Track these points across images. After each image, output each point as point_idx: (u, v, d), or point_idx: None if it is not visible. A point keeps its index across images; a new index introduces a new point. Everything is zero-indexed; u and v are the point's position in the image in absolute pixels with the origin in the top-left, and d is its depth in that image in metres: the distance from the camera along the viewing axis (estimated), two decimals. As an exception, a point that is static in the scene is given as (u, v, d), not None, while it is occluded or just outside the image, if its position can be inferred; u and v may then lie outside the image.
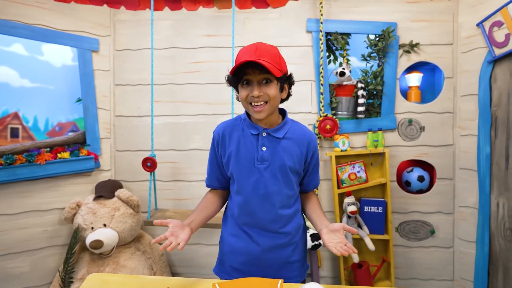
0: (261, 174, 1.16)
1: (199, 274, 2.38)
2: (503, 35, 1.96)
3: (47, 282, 2.19)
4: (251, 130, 1.19)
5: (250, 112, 1.15)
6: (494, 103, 2.08)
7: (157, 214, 2.26)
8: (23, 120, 2.38)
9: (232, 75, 1.14)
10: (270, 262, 1.21)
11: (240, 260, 1.23)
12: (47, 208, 2.19)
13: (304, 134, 1.23)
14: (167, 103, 2.41)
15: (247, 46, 1.13)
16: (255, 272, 1.19)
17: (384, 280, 2.36)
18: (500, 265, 2.05)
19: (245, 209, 1.20)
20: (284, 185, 1.18)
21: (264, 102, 1.12)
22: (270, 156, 1.16)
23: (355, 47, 2.40)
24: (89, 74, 2.32)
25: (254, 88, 1.10)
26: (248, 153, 1.17)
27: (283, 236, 1.21)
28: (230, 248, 1.25)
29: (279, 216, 1.19)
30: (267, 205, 1.18)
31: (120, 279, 1.15)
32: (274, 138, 1.18)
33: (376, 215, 2.28)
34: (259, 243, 1.20)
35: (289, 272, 1.23)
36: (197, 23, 2.39)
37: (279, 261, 1.21)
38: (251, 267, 1.21)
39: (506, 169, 2.00)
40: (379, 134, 2.26)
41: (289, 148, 1.18)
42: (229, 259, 1.26)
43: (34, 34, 2.13)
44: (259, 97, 1.10)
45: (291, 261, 1.23)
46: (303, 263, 1.29)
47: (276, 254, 1.21)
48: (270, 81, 1.12)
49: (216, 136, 1.26)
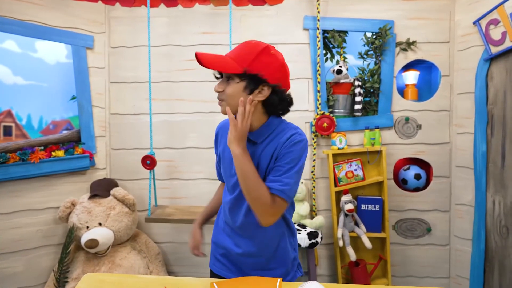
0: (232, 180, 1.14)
1: (195, 273, 2.36)
2: (499, 33, 1.96)
3: (42, 282, 2.16)
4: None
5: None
6: (491, 101, 2.08)
7: (157, 211, 2.24)
8: (16, 118, 2.35)
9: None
10: (248, 265, 1.17)
11: (220, 253, 1.24)
12: (41, 207, 2.16)
13: (283, 135, 1.07)
14: (163, 101, 2.38)
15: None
16: (235, 271, 1.19)
17: (381, 278, 2.36)
18: (496, 262, 2.06)
19: (225, 208, 1.20)
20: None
21: (221, 100, 1.07)
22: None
23: (352, 45, 2.39)
24: (84, 72, 2.29)
25: (217, 83, 1.09)
26: (229, 156, 1.11)
27: (256, 244, 1.15)
28: (214, 238, 1.28)
29: (248, 223, 1.13)
30: (237, 209, 1.14)
31: (117, 278, 1.13)
32: (252, 143, 1.10)
33: (373, 213, 2.28)
34: (236, 244, 1.18)
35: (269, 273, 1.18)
36: (193, 20, 2.37)
37: (256, 267, 1.17)
38: (230, 264, 1.21)
39: (502, 167, 2.00)
40: (376, 132, 2.26)
41: (267, 152, 1.08)
42: (214, 250, 1.28)
43: (27, 31, 2.09)
44: (218, 93, 1.07)
45: (269, 268, 1.17)
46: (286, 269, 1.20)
47: (252, 259, 1.16)
48: (230, 78, 1.05)
49: (215, 134, 1.28)
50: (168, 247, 2.43)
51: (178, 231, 2.41)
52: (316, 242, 2.07)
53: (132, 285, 1.06)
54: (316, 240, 2.07)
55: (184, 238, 2.42)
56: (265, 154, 1.08)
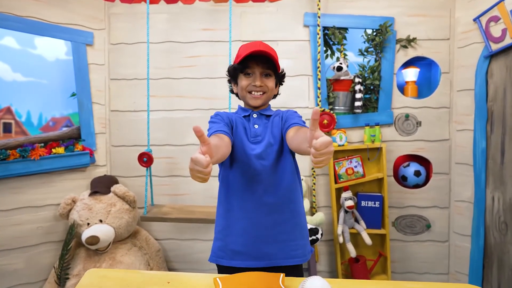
0: (256, 147, 1.23)
1: (196, 269, 2.37)
2: (499, 30, 1.96)
3: (43, 279, 2.16)
4: (242, 113, 1.30)
5: (247, 99, 1.27)
6: (490, 98, 2.09)
7: (153, 210, 2.24)
8: (16, 115, 2.34)
9: (237, 65, 1.23)
10: (269, 239, 1.21)
11: (238, 242, 1.22)
12: (41, 204, 2.16)
13: (278, 111, 1.33)
14: (163, 97, 2.38)
15: (251, 43, 1.25)
16: (253, 252, 1.20)
17: (380, 274, 2.37)
18: (494, 258, 2.07)
19: (243, 184, 1.22)
20: (279, 154, 1.24)
21: (263, 93, 1.25)
22: (262, 131, 1.26)
23: (353, 41, 2.39)
24: (84, 68, 2.28)
25: (257, 79, 1.24)
26: (243, 132, 1.26)
27: (281, 210, 1.22)
28: (227, 231, 1.24)
29: (276, 185, 1.22)
30: (265, 175, 1.21)
31: (120, 274, 1.13)
32: (264, 116, 1.29)
33: (373, 210, 2.29)
34: (254, 219, 1.20)
35: (291, 251, 1.23)
36: (193, 17, 2.36)
37: (279, 239, 1.21)
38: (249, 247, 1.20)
39: (502, 164, 2.01)
40: (376, 129, 2.26)
41: (277, 123, 1.28)
42: (226, 242, 1.24)
43: (27, 27, 2.08)
44: (260, 87, 1.24)
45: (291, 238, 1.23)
46: (305, 243, 1.28)
47: (275, 231, 1.21)
48: (270, 75, 1.26)
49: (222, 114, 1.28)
50: (169, 244, 2.43)
51: (179, 228, 2.42)
52: (316, 239, 2.07)
53: (135, 281, 1.06)
54: (316, 237, 2.07)
55: (185, 235, 2.43)
56: (277, 124, 1.28)
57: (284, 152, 1.26)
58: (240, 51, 1.26)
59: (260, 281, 1.01)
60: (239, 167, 1.23)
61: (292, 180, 1.26)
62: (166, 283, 1.04)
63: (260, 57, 1.22)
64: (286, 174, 1.25)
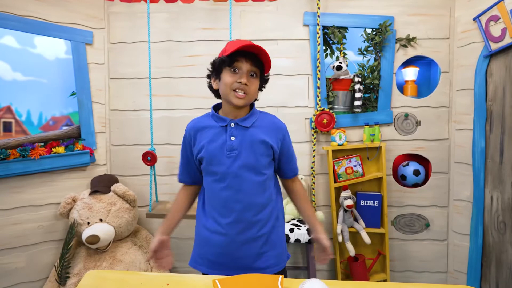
0: (231, 163, 1.18)
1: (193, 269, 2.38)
2: (499, 30, 1.96)
3: (44, 277, 2.17)
4: (219, 122, 1.22)
5: (230, 97, 1.18)
6: (490, 98, 2.09)
7: (158, 206, 2.25)
8: (16, 114, 2.34)
9: (226, 57, 1.16)
10: (242, 253, 1.21)
11: (215, 252, 1.24)
12: (42, 203, 2.16)
13: (273, 123, 1.26)
14: (163, 97, 2.38)
15: (239, 40, 1.21)
16: (229, 263, 1.21)
17: (379, 272, 2.39)
18: (493, 257, 2.08)
19: (219, 200, 1.21)
20: (255, 172, 1.20)
21: (245, 94, 1.17)
22: (239, 145, 1.19)
23: (352, 41, 2.39)
24: (83, 68, 2.28)
25: (243, 76, 1.16)
26: (218, 144, 1.20)
27: (256, 225, 1.21)
28: (204, 241, 1.27)
29: (250, 204, 1.19)
30: (239, 194, 1.19)
31: (120, 275, 1.14)
32: (242, 127, 1.21)
33: (372, 209, 2.30)
34: (231, 235, 1.20)
35: (263, 263, 1.23)
36: (193, 16, 2.36)
37: (252, 253, 1.22)
38: (225, 258, 1.22)
39: (501, 163, 2.02)
40: (376, 128, 2.27)
41: (258, 137, 1.20)
42: (205, 251, 1.27)
43: (26, 26, 2.08)
44: (245, 85, 1.15)
45: (263, 251, 1.23)
46: (279, 253, 1.28)
47: (248, 246, 1.21)
48: (255, 75, 1.19)
49: (187, 134, 1.30)
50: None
51: (179, 227, 2.41)
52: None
53: (135, 282, 1.07)
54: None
55: (185, 233, 2.43)
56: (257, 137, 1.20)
57: (262, 169, 1.21)
58: (228, 46, 1.19)
59: (259, 282, 1.02)
60: (213, 182, 1.22)
61: (269, 196, 1.24)
62: (165, 284, 1.05)
63: (249, 54, 1.16)
64: (264, 191, 1.22)
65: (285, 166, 1.31)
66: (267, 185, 1.24)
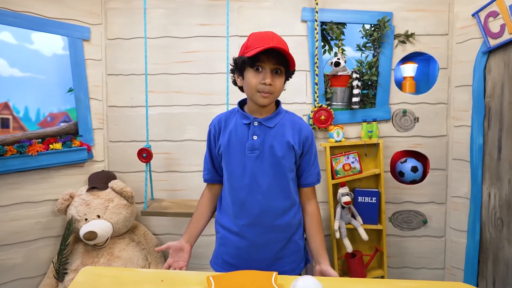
0: (252, 163, 1.16)
1: (194, 264, 2.38)
2: (498, 26, 1.95)
3: (42, 274, 2.18)
4: (243, 120, 1.20)
5: (255, 98, 1.16)
6: (488, 94, 2.08)
7: (153, 204, 2.25)
8: (13, 111, 2.34)
9: (247, 59, 1.12)
10: (260, 257, 1.20)
11: (230, 253, 1.23)
12: (39, 199, 2.17)
13: (297, 124, 1.23)
14: (160, 93, 2.38)
15: (263, 33, 1.16)
16: (245, 266, 1.19)
17: (377, 269, 2.39)
18: (490, 254, 2.09)
19: (236, 200, 1.19)
20: (276, 174, 1.17)
21: (270, 93, 1.14)
22: (261, 145, 1.16)
23: (350, 37, 2.38)
24: (81, 64, 2.28)
25: (267, 76, 1.12)
26: (239, 143, 1.17)
27: (275, 230, 1.19)
28: (221, 240, 1.26)
29: (268, 208, 1.17)
30: (258, 196, 1.17)
31: (115, 272, 1.14)
32: (265, 127, 1.18)
33: (370, 205, 2.30)
34: (248, 237, 1.19)
35: (280, 268, 1.21)
36: (190, 12, 2.35)
37: (269, 257, 1.20)
38: (240, 260, 1.21)
39: (498, 160, 2.01)
40: (374, 124, 2.26)
41: (281, 138, 1.17)
42: (221, 251, 1.26)
43: (23, 22, 2.07)
44: (270, 86, 1.12)
45: (279, 256, 1.21)
46: (297, 258, 1.27)
47: (266, 249, 1.19)
48: (280, 72, 1.15)
49: (212, 129, 1.27)
50: (167, 239, 2.45)
51: (177, 223, 2.43)
52: (313, 234, 2.08)
53: (130, 279, 1.08)
54: (313, 232, 2.08)
55: (183, 230, 2.43)
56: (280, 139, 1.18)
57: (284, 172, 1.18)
58: (251, 40, 1.16)
59: (252, 279, 1.02)
60: (231, 179, 1.20)
61: (292, 201, 1.21)
62: (159, 281, 1.05)
63: (271, 51, 1.10)
64: (285, 194, 1.19)
65: (303, 172, 1.25)
66: (290, 189, 1.20)
